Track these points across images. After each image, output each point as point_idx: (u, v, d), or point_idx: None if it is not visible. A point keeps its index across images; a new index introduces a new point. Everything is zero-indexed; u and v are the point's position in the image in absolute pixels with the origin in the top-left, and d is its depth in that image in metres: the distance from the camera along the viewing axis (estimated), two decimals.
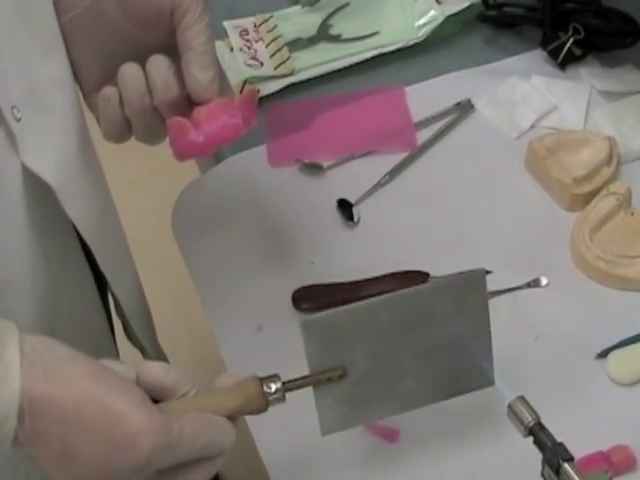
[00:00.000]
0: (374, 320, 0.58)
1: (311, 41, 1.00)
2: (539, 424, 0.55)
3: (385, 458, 0.68)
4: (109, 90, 0.62)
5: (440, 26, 0.98)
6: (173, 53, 0.61)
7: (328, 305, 0.76)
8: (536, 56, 0.97)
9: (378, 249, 0.82)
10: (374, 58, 0.97)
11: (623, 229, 0.80)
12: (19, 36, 0.58)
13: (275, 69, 0.96)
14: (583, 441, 0.62)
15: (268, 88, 0.95)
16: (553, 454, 0.53)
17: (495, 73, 0.95)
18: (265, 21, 1.01)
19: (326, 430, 0.60)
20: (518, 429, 0.56)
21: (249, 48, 0.98)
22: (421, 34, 0.98)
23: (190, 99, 0.62)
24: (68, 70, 0.63)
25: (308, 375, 0.57)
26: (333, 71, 0.96)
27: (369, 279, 0.78)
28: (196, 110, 0.61)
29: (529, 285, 0.78)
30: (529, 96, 0.93)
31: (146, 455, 0.48)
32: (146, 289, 0.81)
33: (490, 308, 0.61)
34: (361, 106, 0.93)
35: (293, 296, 0.78)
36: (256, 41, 0.99)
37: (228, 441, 0.53)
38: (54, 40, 0.61)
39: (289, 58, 0.97)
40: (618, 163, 0.85)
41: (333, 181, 0.87)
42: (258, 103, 0.64)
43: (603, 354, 0.73)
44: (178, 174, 0.89)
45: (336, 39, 1.00)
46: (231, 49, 0.99)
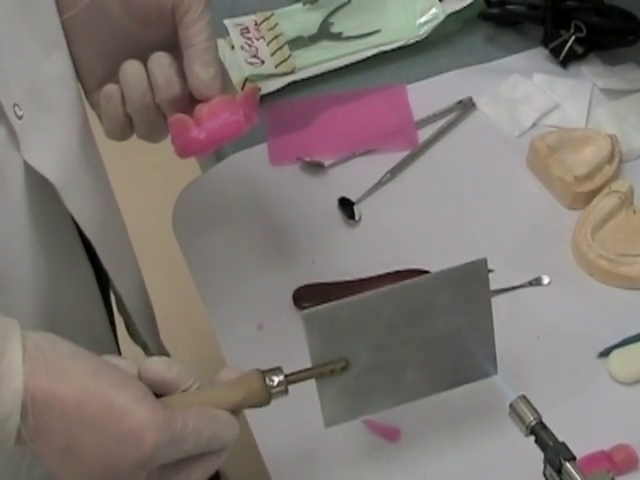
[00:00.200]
0: (376, 312, 0.58)
1: (312, 39, 0.99)
2: (541, 423, 0.55)
3: (386, 457, 0.68)
4: (111, 88, 0.62)
5: (441, 24, 0.98)
6: (175, 50, 0.61)
7: None
8: (538, 54, 0.97)
9: (379, 248, 0.81)
10: (375, 56, 0.97)
11: (625, 227, 0.80)
12: (21, 33, 0.58)
13: (276, 67, 0.96)
14: (585, 440, 0.62)
15: (269, 86, 0.94)
16: (555, 453, 0.53)
17: (497, 71, 0.95)
18: (266, 19, 1.01)
19: (329, 422, 0.60)
20: (520, 428, 0.56)
21: (250, 46, 0.98)
22: (422, 32, 0.98)
23: (192, 96, 0.61)
24: (70, 68, 0.63)
25: (310, 367, 0.57)
26: (334, 69, 0.96)
27: (370, 278, 0.78)
28: (198, 107, 0.61)
29: (531, 284, 0.78)
30: (531, 94, 0.92)
31: (149, 450, 0.48)
32: (147, 287, 0.81)
33: (492, 307, 0.61)
34: (362, 104, 0.93)
35: (294, 295, 0.78)
36: (257, 39, 0.99)
37: (231, 435, 0.53)
38: (56, 37, 0.61)
39: (290, 56, 0.97)
40: (620, 161, 0.85)
41: (334, 179, 0.87)
42: (259, 101, 0.63)
43: (605, 353, 0.72)
44: (179, 172, 0.90)
45: (337, 37, 1.00)
46: (232, 47, 0.99)
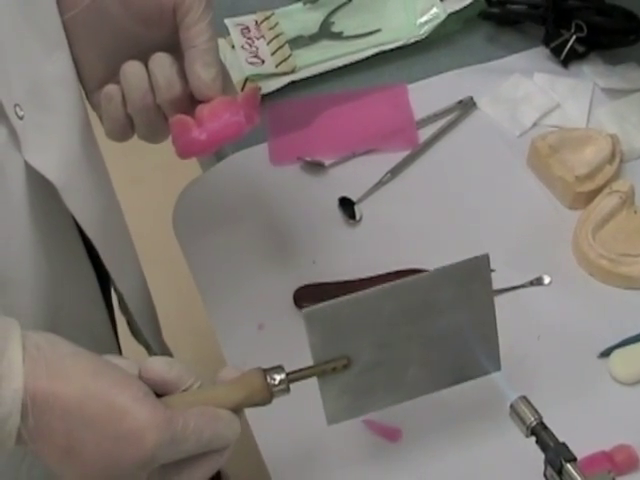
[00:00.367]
0: (377, 309, 0.58)
1: (312, 39, 0.99)
2: (541, 424, 0.55)
3: (387, 457, 0.68)
4: (111, 88, 0.61)
5: (442, 24, 0.98)
6: (176, 51, 0.61)
7: None
8: (539, 54, 0.97)
9: (380, 247, 0.81)
10: (376, 56, 0.97)
11: (626, 227, 0.80)
12: (22, 34, 0.58)
13: (276, 67, 0.96)
14: (586, 440, 0.62)
15: (269, 86, 0.94)
16: (556, 454, 0.53)
17: (497, 71, 0.95)
18: (266, 18, 1.01)
19: (331, 420, 0.60)
20: (520, 429, 0.56)
21: (250, 46, 0.98)
22: (423, 32, 0.98)
23: (193, 97, 0.61)
24: (71, 68, 0.62)
25: (312, 366, 0.57)
26: (335, 69, 0.96)
27: (371, 277, 0.78)
28: (199, 108, 0.61)
29: (531, 283, 0.78)
30: (531, 94, 0.92)
31: (150, 450, 0.48)
32: (148, 286, 0.81)
33: (494, 303, 0.61)
34: (363, 104, 0.93)
35: (294, 295, 0.78)
36: (257, 39, 0.99)
37: (233, 434, 0.52)
38: (57, 38, 0.61)
39: (290, 56, 0.97)
40: (621, 161, 0.85)
41: (335, 179, 0.87)
42: (260, 101, 0.63)
43: (606, 353, 0.72)
44: (180, 172, 0.90)
45: (338, 37, 1.00)
46: (232, 47, 0.98)
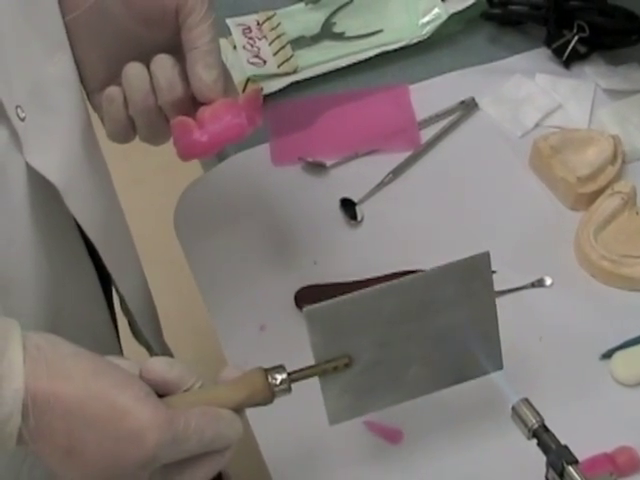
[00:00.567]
0: (378, 308, 0.58)
1: (314, 39, 0.99)
2: (543, 426, 0.55)
3: (388, 459, 0.68)
4: (113, 90, 0.61)
5: (444, 24, 0.98)
6: (177, 52, 0.61)
7: None
8: (540, 54, 0.97)
9: (381, 248, 0.81)
10: (378, 56, 0.97)
11: (628, 228, 0.80)
12: (24, 35, 0.58)
13: (278, 67, 0.96)
14: (587, 442, 0.62)
15: (271, 86, 0.94)
16: (557, 457, 0.53)
17: (499, 71, 0.95)
18: (268, 19, 1.01)
19: (334, 420, 0.60)
20: (522, 431, 0.56)
21: (252, 46, 0.98)
22: (425, 32, 0.98)
23: (194, 99, 0.61)
24: (73, 69, 0.62)
25: (313, 365, 0.57)
26: (336, 69, 0.96)
27: (372, 278, 0.78)
28: (200, 110, 0.61)
29: (533, 285, 0.78)
30: (533, 94, 0.92)
31: (152, 449, 0.48)
32: (149, 287, 0.81)
33: (495, 301, 0.61)
34: (364, 104, 0.93)
35: (296, 296, 0.78)
36: (259, 39, 0.99)
37: (235, 434, 0.52)
38: (59, 39, 0.61)
39: (292, 56, 0.97)
40: (623, 162, 0.85)
41: (336, 180, 0.87)
42: (262, 102, 0.63)
43: (608, 354, 0.72)
44: (181, 172, 0.89)
45: (339, 37, 0.99)
46: (234, 47, 0.98)
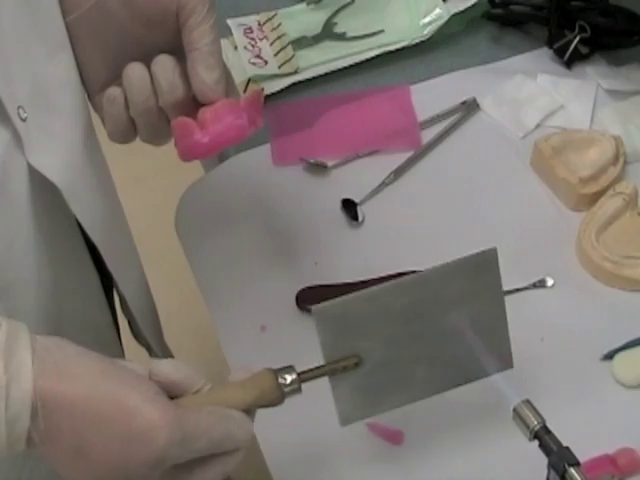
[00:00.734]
0: (387, 306, 0.58)
1: (315, 39, 0.99)
2: (545, 428, 0.55)
3: (389, 460, 0.68)
4: (114, 90, 0.61)
5: (445, 24, 0.97)
6: (179, 53, 0.61)
7: None
8: (542, 55, 0.97)
9: (383, 249, 0.81)
10: (379, 56, 0.97)
11: (630, 229, 0.80)
12: (25, 36, 0.58)
13: (279, 67, 0.96)
14: (589, 443, 0.62)
15: (272, 87, 0.94)
16: (559, 458, 0.53)
17: (501, 72, 0.95)
18: (269, 19, 1.01)
19: (344, 420, 0.60)
20: (523, 433, 0.56)
21: (253, 46, 0.98)
22: (426, 32, 0.98)
23: (195, 100, 0.61)
24: (74, 70, 0.62)
25: (323, 365, 0.57)
26: (337, 69, 0.96)
27: (374, 279, 0.78)
28: (201, 111, 0.60)
29: (535, 286, 0.77)
30: (535, 95, 0.92)
31: (161, 449, 0.48)
32: (150, 287, 0.81)
33: (504, 298, 0.61)
34: (366, 105, 0.93)
35: (297, 296, 0.77)
36: (260, 39, 0.99)
37: (245, 434, 0.52)
38: (60, 40, 0.61)
39: (293, 56, 0.96)
40: (625, 163, 0.85)
41: (337, 180, 0.87)
42: (263, 103, 0.63)
43: (609, 356, 0.72)
44: (182, 173, 0.89)
45: (341, 37, 0.99)
46: (235, 47, 0.98)
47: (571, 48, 0.93)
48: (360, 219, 0.83)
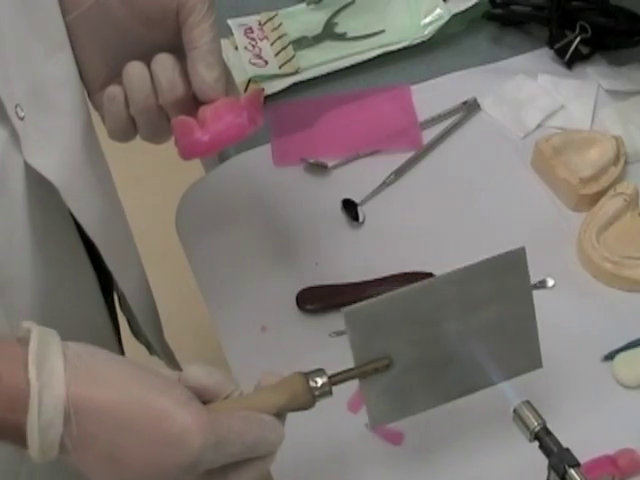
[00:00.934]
0: (416, 307, 0.57)
1: (316, 39, 0.99)
2: (545, 429, 0.54)
3: (389, 460, 0.68)
4: (114, 89, 0.61)
5: (446, 24, 0.97)
6: (179, 52, 0.61)
7: (333, 306, 0.77)
8: (543, 55, 0.97)
9: (383, 249, 0.81)
10: (379, 57, 0.97)
11: (630, 230, 0.79)
12: (24, 35, 0.58)
13: (280, 68, 0.96)
14: (589, 444, 0.62)
15: (272, 87, 0.94)
16: (559, 460, 0.53)
17: (501, 72, 0.95)
18: (270, 19, 1.01)
19: (374, 422, 0.60)
20: (524, 434, 0.55)
21: (254, 46, 0.98)
22: (427, 32, 0.98)
23: (196, 98, 0.61)
24: (73, 69, 0.62)
25: (354, 367, 0.57)
26: (338, 70, 0.96)
27: (374, 280, 0.78)
28: (202, 109, 0.60)
29: (535, 286, 0.77)
30: (535, 95, 0.92)
31: (196, 453, 0.47)
32: (150, 286, 0.81)
33: (533, 297, 0.60)
34: (366, 105, 0.93)
35: (297, 297, 0.77)
36: (261, 39, 0.99)
37: (277, 438, 0.52)
38: (59, 39, 0.61)
39: (294, 56, 0.96)
40: (625, 163, 0.84)
41: (338, 181, 0.87)
42: (263, 103, 0.63)
43: (610, 356, 0.72)
44: (182, 172, 0.89)
45: (341, 37, 0.99)
46: (236, 47, 0.98)
47: (572, 48, 0.93)
48: (361, 219, 0.83)
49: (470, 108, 0.92)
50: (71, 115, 0.62)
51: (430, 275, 0.77)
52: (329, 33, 1.00)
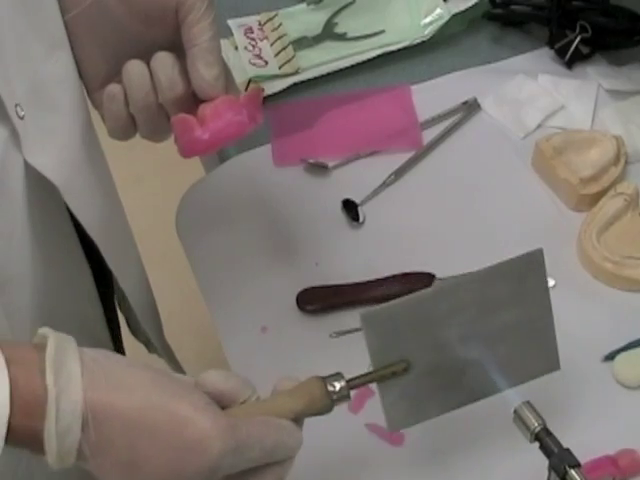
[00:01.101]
0: (433, 310, 0.57)
1: (316, 40, 0.99)
2: (545, 430, 0.54)
3: (389, 461, 0.68)
4: (114, 87, 0.61)
5: (446, 24, 0.97)
6: (178, 50, 0.61)
7: (333, 307, 0.77)
8: (543, 55, 0.96)
9: (383, 250, 0.81)
10: (379, 57, 0.97)
11: (631, 230, 0.79)
12: (23, 33, 0.58)
13: (280, 68, 0.96)
14: (590, 444, 0.62)
15: (273, 87, 0.94)
16: (559, 460, 0.53)
17: (501, 72, 0.95)
18: (270, 19, 1.00)
19: (392, 426, 0.59)
20: (524, 435, 0.55)
21: (254, 47, 0.98)
22: (427, 32, 0.98)
23: (195, 96, 0.61)
24: (73, 67, 0.62)
25: (372, 371, 0.56)
26: (338, 70, 0.96)
27: (374, 280, 0.77)
28: (201, 107, 0.60)
29: None
30: (536, 95, 0.92)
31: (215, 458, 0.47)
32: (151, 285, 0.81)
33: (550, 298, 0.61)
34: (366, 105, 0.93)
35: (298, 297, 0.77)
36: (261, 40, 0.99)
37: (296, 443, 0.52)
38: (59, 37, 0.61)
39: (294, 57, 0.96)
40: (626, 163, 0.84)
41: (338, 181, 0.87)
42: (262, 102, 0.63)
43: (610, 356, 0.72)
44: (183, 172, 0.89)
45: (341, 37, 0.99)
46: (236, 48, 0.98)
47: (572, 48, 0.93)
48: (361, 220, 0.83)
49: (470, 108, 0.92)
50: (71, 114, 0.62)
51: (430, 275, 0.77)
52: (329, 33, 1.00)
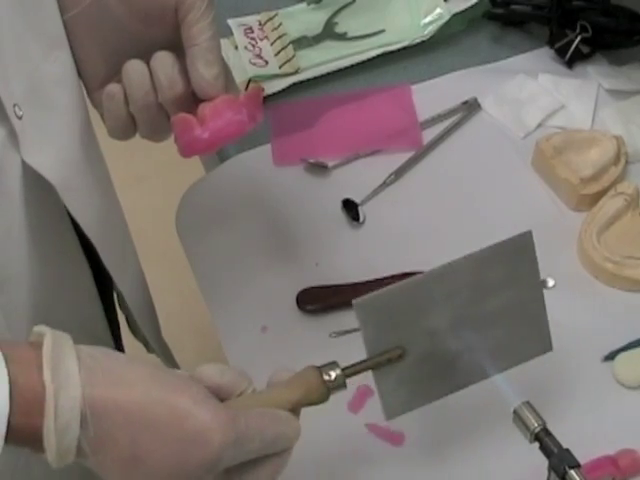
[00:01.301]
0: (426, 295, 0.57)
1: (316, 39, 0.99)
2: (545, 430, 0.54)
3: (390, 461, 0.68)
4: (113, 87, 0.61)
5: (446, 24, 0.97)
6: (178, 49, 0.61)
7: (333, 306, 0.76)
8: (543, 54, 0.96)
9: (384, 249, 0.81)
10: (379, 56, 0.97)
11: (631, 230, 0.79)
12: (22, 33, 0.58)
13: (280, 68, 0.95)
14: (590, 445, 0.62)
15: (273, 87, 0.94)
16: (559, 460, 0.52)
17: (502, 71, 0.95)
18: (270, 19, 1.00)
19: (389, 414, 0.59)
20: (524, 435, 0.55)
21: (254, 46, 0.98)
22: (427, 32, 0.97)
23: (195, 96, 0.61)
24: (72, 67, 0.62)
25: (367, 358, 0.56)
26: (338, 69, 0.96)
27: (374, 280, 0.77)
28: (201, 106, 0.60)
29: None
30: (536, 95, 0.92)
31: (216, 450, 0.47)
32: (150, 285, 0.81)
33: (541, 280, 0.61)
34: (366, 105, 0.93)
35: (298, 297, 0.77)
36: (261, 39, 0.99)
37: (294, 434, 0.52)
38: (57, 37, 0.61)
39: (294, 56, 0.96)
40: (626, 163, 0.84)
41: (338, 181, 0.87)
42: (263, 102, 0.63)
43: (610, 356, 0.72)
44: (183, 172, 0.89)
45: (341, 37, 0.99)
46: (236, 47, 0.98)
47: (572, 48, 0.93)
48: (361, 219, 0.83)
49: (470, 108, 0.92)
50: (69, 114, 0.62)
51: None
52: (329, 33, 1.00)
